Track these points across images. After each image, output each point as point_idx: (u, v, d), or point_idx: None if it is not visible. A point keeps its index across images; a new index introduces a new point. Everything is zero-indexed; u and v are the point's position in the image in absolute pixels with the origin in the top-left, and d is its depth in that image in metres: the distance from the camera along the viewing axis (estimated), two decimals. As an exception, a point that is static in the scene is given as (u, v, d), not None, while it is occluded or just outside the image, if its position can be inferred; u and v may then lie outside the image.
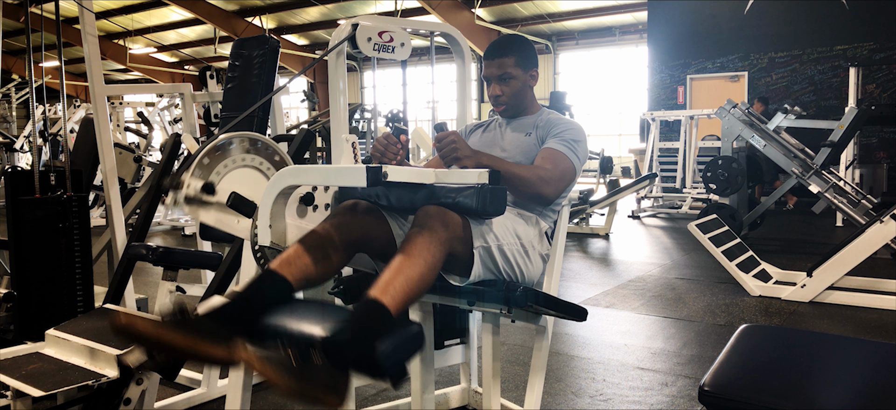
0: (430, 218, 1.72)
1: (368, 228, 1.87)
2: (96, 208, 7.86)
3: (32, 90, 3.13)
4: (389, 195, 1.90)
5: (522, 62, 2.24)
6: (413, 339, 1.57)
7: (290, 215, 1.86)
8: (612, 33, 17.45)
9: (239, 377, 2.24)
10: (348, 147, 2.35)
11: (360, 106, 10.35)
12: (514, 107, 2.29)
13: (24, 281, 2.79)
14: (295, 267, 1.70)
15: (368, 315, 1.55)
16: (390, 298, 1.58)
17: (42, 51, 3.44)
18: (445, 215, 1.74)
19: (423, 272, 1.65)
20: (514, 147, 2.23)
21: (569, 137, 2.17)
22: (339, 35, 2.36)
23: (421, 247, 1.66)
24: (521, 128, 2.27)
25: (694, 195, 9.81)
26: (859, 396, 1.41)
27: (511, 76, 2.23)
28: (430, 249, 1.67)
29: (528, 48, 2.28)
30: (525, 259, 2.00)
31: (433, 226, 1.70)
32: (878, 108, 7.14)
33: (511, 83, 2.24)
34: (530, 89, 2.30)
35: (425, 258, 1.66)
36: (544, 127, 2.22)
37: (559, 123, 2.21)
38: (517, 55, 2.23)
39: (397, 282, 1.61)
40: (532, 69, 2.28)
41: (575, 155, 2.15)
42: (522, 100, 2.28)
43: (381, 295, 1.58)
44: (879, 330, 3.93)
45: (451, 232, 1.74)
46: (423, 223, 1.71)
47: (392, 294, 1.59)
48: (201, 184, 1.92)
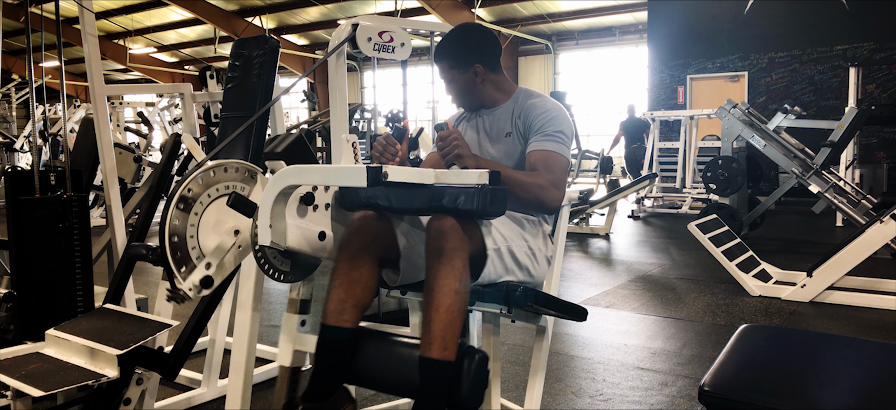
0: (445, 240, 1.71)
1: (380, 244, 1.89)
2: (96, 208, 7.85)
3: (32, 90, 3.13)
4: (389, 195, 1.90)
5: (457, 64, 2.17)
6: (480, 368, 1.69)
7: (291, 215, 1.86)
8: (612, 33, 17.45)
9: (239, 377, 2.23)
10: (348, 147, 2.35)
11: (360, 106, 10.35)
12: (469, 103, 2.25)
13: (24, 281, 2.79)
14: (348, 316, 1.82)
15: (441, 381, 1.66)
16: (441, 349, 1.66)
17: (42, 51, 3.44)
18: (458, 228, 1.73)
19: (458, 303, 1.70)
20: (499, 153, 2.16)
21: (553, 129, 2.08)
22: (339, 35, 2.36)
23: (447, 281, 1.70)
24: (499, 128, 2.19)
25: (694, 195, 9.81)
26: (859, 396, 1.41)
27: (448, 80, 2.21)
28: (455, 277, 1.70)
29: (462, 46, 2.17)
30: (533, 261, 2.00)
31: (450, 253, 1.71)
32: (878, 108, 7.14)
33: (451, 87, 2.22)
34: (478, 85, 2.19)
35: (455, 289, 1.69)
36: (523, 119, 2.13)
37: (538, 114, 2.11)
38: (449, 59, 2.18)
39: (446, 332, 1.68)
40: (472, 66, 2.16)
41: (564, 145, 2.09)
42: (474, 97, 2.21)
43: (440, 353, 1.66)
44: (879, 330, 3.93)
45: (466, 244, 1.75)
46: (439, 249, 1.72)
47: (440, 343, 1.67)
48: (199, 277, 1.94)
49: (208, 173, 2.01)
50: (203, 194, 2.00)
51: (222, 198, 2.02)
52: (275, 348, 3.40)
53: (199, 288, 1.92)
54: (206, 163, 2.03)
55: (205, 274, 1.93)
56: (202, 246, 1.98)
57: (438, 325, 1.67)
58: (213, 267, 1.95)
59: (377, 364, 1.83)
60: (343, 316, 1.82)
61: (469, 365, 1.68)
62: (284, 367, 2.02)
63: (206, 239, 1.99)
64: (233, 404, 2.23)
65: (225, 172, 2.05)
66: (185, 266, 1.94)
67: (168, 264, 1.91)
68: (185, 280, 1.92)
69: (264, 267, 1.89)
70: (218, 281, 1.97)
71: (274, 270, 1.92)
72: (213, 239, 2.00)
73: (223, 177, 2.04)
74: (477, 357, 1.69)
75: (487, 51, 2.19)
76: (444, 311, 1.68)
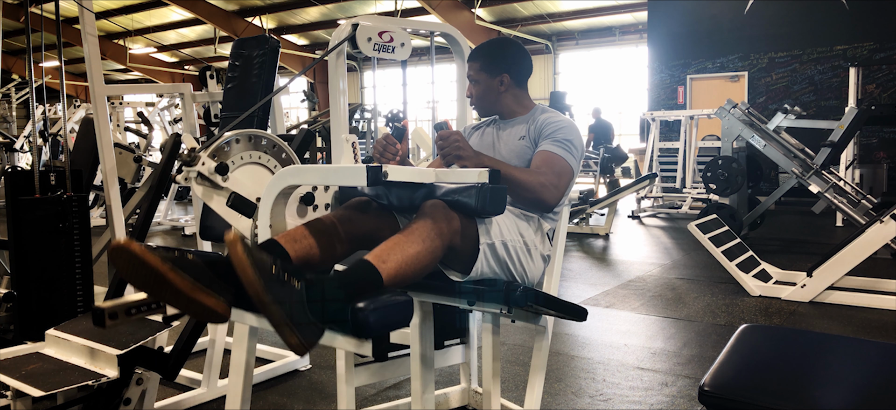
0: (434, 210, 1.73)
1: (377, 226, 1.88)
2: (96, 208, 7.86)
3: (32, 90, 3.13)
4: (390, 195, 1.91)
5: (487, 67, 2.27)
6: (400, 307, 1.51)
7: (291, 215, 1.86)
8: (612, 33, 17.45)
9: (239, 377, 2.23)
10: (348, 147, 2.35)
11: (360, 106, 10.36)
12: (482, 108, 2.34)
13: (24, 281, 2.79)
14: (299, 245, 1.70)
15: (358, 273, 1.55)
16: (383, 264, 1.58)
17: (42, 51, 3.44)
18: (448, 209, 1.75)
19: (419, 251, 1.65)
20: (509, 153, 2.21)
21: (562, 137, 2.14)
22: (339, 35, 2.36)
23: (421, 231, 1.68)
24: (514, 133, 2.25)
25: (694, 195, 9.81)
26: (859, 396, 1.41)
27: (475, 80, 2.30)
28: (430, 235, 1.68)
29: (497, 54, 2.30)
30: (527, 258, 2.00)
31: (436, 217, 1.71)
32: (878, 108, 7.14)
33: (475, 87, 2.31)
34: (501, 93, 2.29)
35: (424, 241, 1.67)
36: (537, 128, 2.20)
37: (551, 123, 2.19)
38: (482, 61, 2.28)
39: (393, 254, 1.61)
40: (500, 74, 2.27)
41: (571, 154, 2.14)
42: (493, 103, 2.31)
43: (375, 260, 1.58)
44: (879, 330, 3.93)
45: (453, 225, 1.75)
46: (426, 212, 1.73)
47: (386, 261, 1.59)
48: (215, 164, 1.93)
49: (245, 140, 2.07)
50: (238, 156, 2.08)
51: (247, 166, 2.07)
52: (275, 348, 3.41)
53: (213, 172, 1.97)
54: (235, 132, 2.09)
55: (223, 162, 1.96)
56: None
57: (390, 248, 1.61)
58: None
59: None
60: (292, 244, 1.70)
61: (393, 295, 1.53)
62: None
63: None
64: (233, 404, 2.23)
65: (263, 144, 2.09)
66: None
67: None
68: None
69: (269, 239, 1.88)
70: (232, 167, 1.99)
71: (274, 270, 1.91)
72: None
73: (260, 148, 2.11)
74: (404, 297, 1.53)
75: (519, 66, 2.30)
76: (403, 245, 1.63)
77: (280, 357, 3.29)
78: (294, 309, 1.38)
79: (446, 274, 1.85)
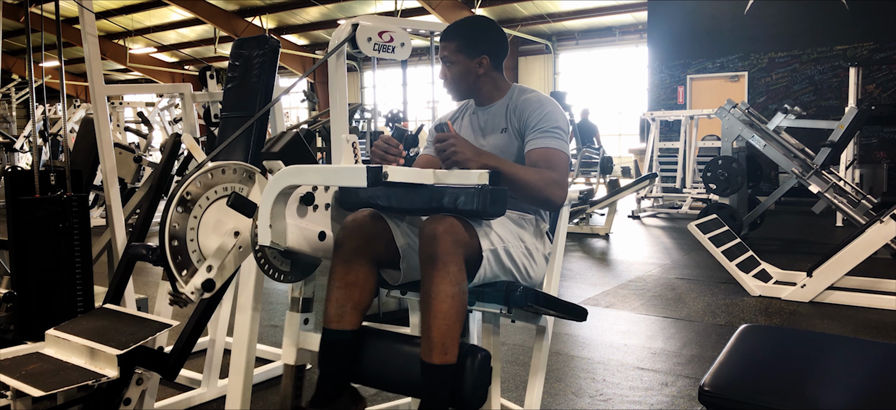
0: (438, 245, 1.70)
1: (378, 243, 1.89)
2: (96, 208, 7.85)
3: (32, 90, 3.13)
4: (389, 195, 1.90)
5: (466, 47, 2.14)
6: (482, 367, 1.70)
7: (291, 215, 1.86)
8: (612, 33, 17.45)
9: (239, 377, 2.23)
10: (348, 147, 2.35)
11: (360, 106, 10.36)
12: (459, 92, 2.21)
13: (24, 281, 2.78)
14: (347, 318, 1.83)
15: (436, 384, 1.68)
16: (441, 354, 1.68)
17: (42, 51, 3.44)
18: (453, 229, 1.72)
19: (455, 307, 1.70)
20: (492, 148, 2.14)
21: (550, 125, 2.07)
22: (339, 35, 2.36)
23: (443, 287, 1.70)
24: (494, 123, 2.18)
25: (694, 195, 9.81)
26: (859, 396, 1.41)
27: (451, 61, 2.16)
28: (451, 282, 1.70)
29: (478, 34, 2.16)
30: (530, 260, 2.00)
31: (444, 258, 1.70)
32: (878, 108, 7.14)
33: (452, 68, 2.17)
34: (479, 76, 2.17)
35: (451, 294, 1.69)
36: (518, 116, 2.12)
37: (534, 110, 2.10)
38: (459, 40, 2.15)
39: (447, 336, 1.69)
40: (480, 56, 2.14)
41: (563, 140, 2.08)
42: (470, 86, 2.19)
43: (440, 358, 1.68)
44: (879, 330, 3.93)
45: (462, 245, 1.74)
46: (432, 255, 1.71)
47: (441, 348, 1.68)
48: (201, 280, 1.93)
49: (207, 175, 2.01)
50: (202, 196, 1.99)
51: (222, 200, 2.02)
52: (275, 348, 3.41)
53: (201, 292, 1.92)
54: (206, 164, 2.03)
55: (206, 278, 1.93)
56: (203, 248, 1.97)
57: (437, 331, 1.68)
58: (215, 269, 1.95)
59: (382, 364, 1.84)
60: (343, 319, 1.83)
61: (472, 365, 1.69)
62: (289, 366, 2.02)
63: (206, 241, 1.98)
64: (233, 404, 2.23)
65: (223, 173, 2.04)
66: (186, 268, 1.94)
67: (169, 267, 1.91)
68: (186, 283, 1.92)
69: (264, 267, 1.89)
70: (219, 284, 1.97)
71: (274, 270, 1.92)
72: (213, 240, 1.99)
73: (222, 178, 2.04)
74: (480, 355, 1.70)
75: (498, 47, 2.19)
76: (442, 317, 1.68)
77: (280, 358, 3.29)
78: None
79: None
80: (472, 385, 1.67)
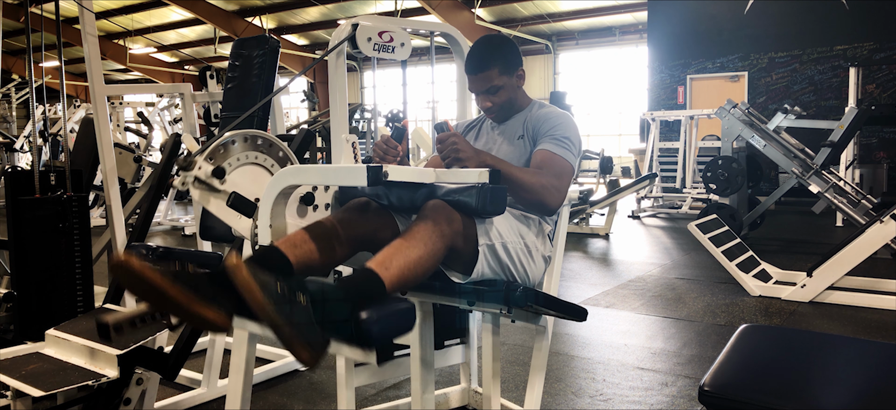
0: (435, 212, 1.72)
1: (377, 227, 1.87)
2: (96, 208, 7.86)
3: (32, 90, 3.13)
4: (390, 195, 1.90)
5: (506, 68, 2.16)
6: (403, 315, 1.53)
7: (291, 215, 1.86)
8: (612, 33, 17.46)
9: (239, 377, 2.23)
10: (348, 147, 2.35)
11: (360, 106, 10.36)
12: (510, 109, 2.24)
13: (24, 281, 2.79)
14: (299, 250, 1.69)
15: (361, 282, 1.55)
16: (386, 271, 1.58)
17: (42, 51, 3.44)
18: (449, 210, 1.74)
19: (421, 255, 1.64)
20: (508, 152, 2.18)
21: (560, 134, 2.10)
22: (339, 35, 2.36)
23: (422, 234, 1.67)
24: (512, 131, 2.22)
25: (694, 195, 9.82)
26: (859, 396, 1.41)
27: (498, 86, 2.16)
28: (431, 237, 1.67)
29: (509, 50, 2.19)
30: (528, 259, 1.99)
31: (437, 219, 1.70)
32: (878, 108, 7.15)
33: (499, 94, 2.18)
34: (518, 89, 2.23)
35: (426, 244, 1.66)
36: (534, 125, 2.16)
37: (548, 119, 2.14)
38: (500, 64, 2.15)
39: (395, 260, 1.61)
40: (517, 70, 2.19)
41: (570, 151, 2.10)
42: (514, 103, 2.23)
43: (377, 267, 1.58)
44: (879, 330, 3.93)
45: (454, 227, 1.73)
46: (427, 214, 1.72)
47: (388, 268, 1.59)
48: (212, 168, 1.92)
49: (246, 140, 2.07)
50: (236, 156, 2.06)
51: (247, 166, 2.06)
52: (275, 348, 3.41)
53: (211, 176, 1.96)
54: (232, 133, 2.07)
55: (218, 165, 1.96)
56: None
57: (391, 254, 1.61)
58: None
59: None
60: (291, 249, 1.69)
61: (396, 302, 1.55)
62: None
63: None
64: (233, 404, 2.23)
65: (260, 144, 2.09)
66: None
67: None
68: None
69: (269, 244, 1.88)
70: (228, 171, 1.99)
71: (274, 270, 1.91)
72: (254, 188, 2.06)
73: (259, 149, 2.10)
74: (407, 304, 1.55)
75: (519, 56, 2.23)
76: (404, 250, 1.62)
77: (280, 358, 3.29)
78: (303, 325, 1.40)
79: (447, 274, 1.85)
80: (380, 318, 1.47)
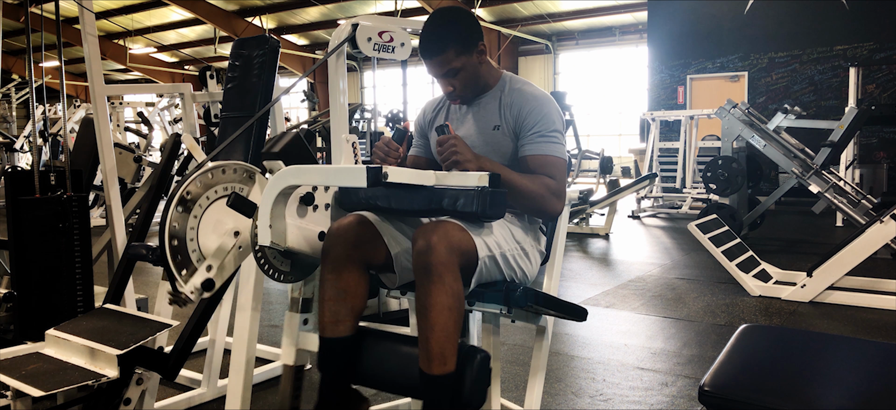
0: (432, 256, 1.67)
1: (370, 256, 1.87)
2: (96, 208, 7.85)
3: (32, 90, 3.13)
4: (389, 196, 1.90)
5: (464, 47, 1.98)
6: (481, 369, 1.70)
7: (291, 215, 1.86)
8: (612, 33, 17.46)
9: (239, 377, 2.23)
10: (348, 147, 2.35)
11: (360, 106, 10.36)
12: (474, 91, 2.09)
13: (24, 281, 2.79)
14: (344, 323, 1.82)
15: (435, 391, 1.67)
16: (440, 365, 1.66)
17: (42, 51, 3.44)
18: (447, 237, 1.70)
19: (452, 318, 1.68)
20: (485, 146, 2.06)
21: (549, 129, 1.99)
22: (339, 35, 2.36)
23: (438, 299, 1.66)
24: (484, 118, 2.08)
25: (694, 195, 9.82)
26: (859, 396, 1.41)
27: (456, 69, 2.00)
28: (446, 293, 1.67)
29: (465, 25, 2.00)
30: (525, 260, 1.99)
31: (438, 269, 1.67)
32: (878, 108, 7.15)
33: (460, 75, 2.02)
34: (480, 66, 2.04)
35: (447, 305, 1.67)
36: (515, 117, 2.02)
37: (531, 112, 2.00)
38: (456, 43, 1.97)
39: (437, 346, 1.66)
40: (476, 45, 2.01)
41: (560, 144, 2.02)
42: (477, 81, 2.07)
43: (434, 368, 1.66)
44: (879, 330, 3.93)
45: (456, 254, 1.71)
46: (426, 266, 1.68)
47: (439, 359, 1.66)
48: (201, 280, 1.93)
49: (207, 175, 2.01)
50: (202, 196, 1.99)
51: (222, 200, 2.02)
52: (275, 348, 3.41)
53: (201, 291, 1.92)
54: (206, 164, 2.03)
55: (206, 277, 1.93)
56: (202, 248, 1.97)
57: (436, 343, 1.66)
58: (214, 269, 1.95)
59: (381, 366, 1.84)
60: (338, 326, 1.82)
61: (471, 370, 1.69)
62: (288, 366, 2.02)
63: (206, 241, 1.98)
64: (233, 404, 2.23)
65: (223, 173, 2.04)
66: (185, 268, 1.94)
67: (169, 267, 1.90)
68: (186, 283, 1.92)
69: (264, 267, 1.89)
70: (219, 283, 1.96)
71: (274, 270, 1.92)
72: (213, 240, 1.99)
73: (222, 178, 2.04)
74: (478, 358, 1.70)
75: (479, 27, 2.04)
76: (440, 329, 1.66)
77: (280, 358, 3.29)
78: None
79: None
80: (471, 388, 1.67)
